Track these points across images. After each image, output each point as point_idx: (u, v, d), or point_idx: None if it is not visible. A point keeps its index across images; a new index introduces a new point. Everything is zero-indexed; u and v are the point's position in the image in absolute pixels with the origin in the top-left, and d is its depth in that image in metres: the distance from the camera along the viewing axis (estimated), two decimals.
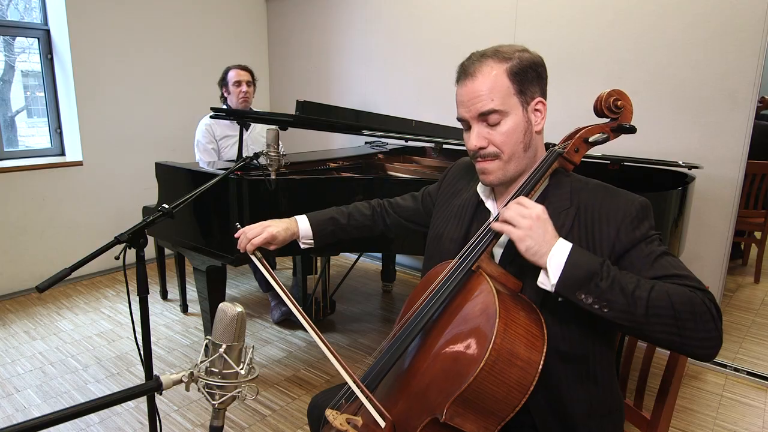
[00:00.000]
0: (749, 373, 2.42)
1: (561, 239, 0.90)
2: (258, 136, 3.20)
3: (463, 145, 1.07)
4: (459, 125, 1.08)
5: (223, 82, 3.09)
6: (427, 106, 3.46)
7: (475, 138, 1.02)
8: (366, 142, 3.52)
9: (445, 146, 3.13)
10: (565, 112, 2.49)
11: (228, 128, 3.15)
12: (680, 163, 2.16)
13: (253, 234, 1.21)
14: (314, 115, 2.22)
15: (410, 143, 3.17)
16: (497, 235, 0.97)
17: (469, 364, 0.86)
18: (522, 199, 0.94)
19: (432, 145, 3.23)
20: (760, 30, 2.23)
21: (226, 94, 3.10)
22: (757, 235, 3.58)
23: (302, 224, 1.30)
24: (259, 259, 1.18)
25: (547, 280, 0.88)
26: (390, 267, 3.45)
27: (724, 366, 2.49)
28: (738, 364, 2.48)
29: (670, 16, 2.46)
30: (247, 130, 3.19)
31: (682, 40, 2.44)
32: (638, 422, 1.25)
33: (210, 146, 3.09)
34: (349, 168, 2.78)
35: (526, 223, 0.89)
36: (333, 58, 3.99)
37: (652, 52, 2.53)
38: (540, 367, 0.86)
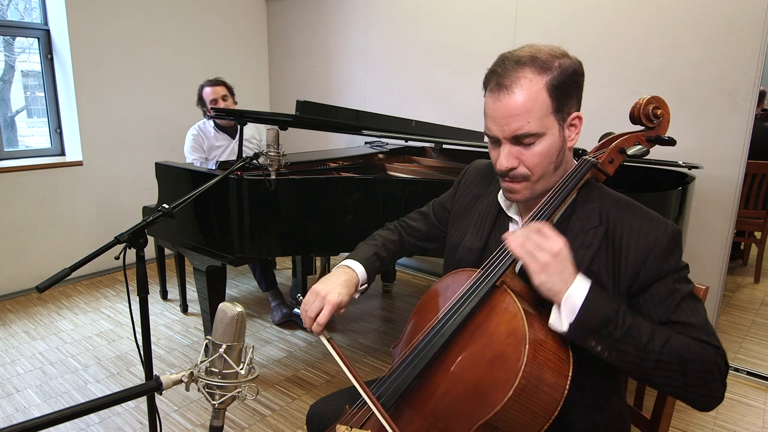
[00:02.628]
0: (749, 373, 2.42)
1: (579, 276, 0.83)
2: (247, 142, 3.15)
3: (463, 144, 1.05)
4: (459, 125, 1.06)
5: (200, 102, 3.06)
6: (427, 106, 3.46)
7: (505, 159, 0.93)
8: (366, 142, 3.52)
9: (445, 146, 3.13)
10: None
11: (215, 139, 3.11)
12: (680, 163, 2.16)
13: (315, 312, 1.03)
14: (314, 115, 2.22)
15: (410, 143, 3.17)
16: None
17: (496, 392, 0.82)
18: (544, 227, 0.85)
19: (432, 145, 3.23)
20: (760, 30, 2.23)
21: (208, 112, 3.06)
22: (757, 235, 3.58)
23: (359, 269, 1.14)
24: (328, 340, 1.02)
25: (559, 323, 0.83)
26: (390, 267, 3.45)
27: None
28: (738, 364, 2.48)
29: (670, 16, 2.46)
30: (238, 131, 3.15)
31: (682, 40, 2.44)
32: (638, 422, 1.24)
33: (192, 156, 3.04)
34: (349, 168, 2.78)
35: (544, 258, 0.82)
36: (333, 58, 3.99)
37: (652, 52, 2.53)
38: (566, 391, 0.83)
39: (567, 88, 0.91)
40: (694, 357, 0.81)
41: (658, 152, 2.54)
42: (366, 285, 1.16)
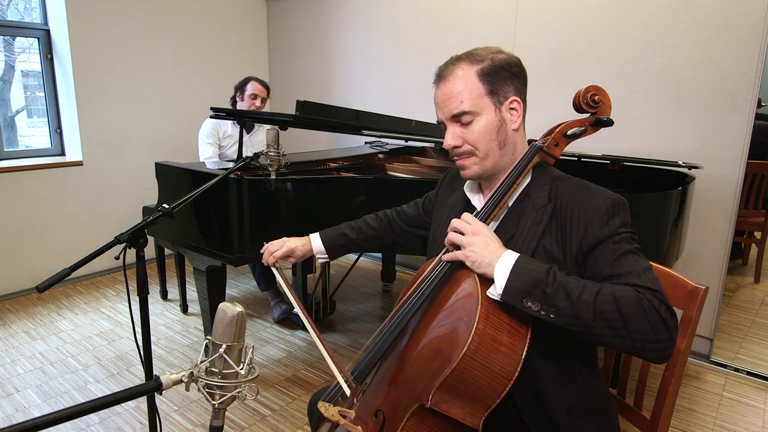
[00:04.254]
0: (749, 373, 2.42)
1: (508, 251, 0.92)
2: (257, 141, 3.23)
3: None
4: None
5: (241, 89, 3.16)
6: (427, 106, 3.45)
7: (450, 138, 1.06)
8: (366, 142, 3.52)
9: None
10: (564, 112, 2.48)
11: (231, 129, 3.22)
12: (680, 163, 2.16)
13: (274, 248, 1.35)
14: (314, 115, 2.22)
15: (410, 143, 3.17)
16: None
17: (453, 350, 0.88)
18: (466, 215, 0.99)
19: (432, 145, 3.23)
20: (760, 30, 2.23)
21: (238, 99, 3.17)
22: (757, 235, 3.58)
23: (314, 241, 1.41)
24: (277, 269, 1.33)
25: (494, 290, 0.89)
26: (390, 267, 3.45)
27: (724, 366, 2.49)
28: (738, 364, 2.48)
29: (670, 16, 2.46)
30: (248, 132, 3.21)
31: (682, 40, 2.44)
32: (638, 422, 1.24)
33: (208, 141, 3.15)
34: (349, 168, 2.78)
35: (466, 240, 0.95)
36: (333, 58, 3.99)
37: (652, 52, 2.53)
38: (524, 353, 0.88)
39: (498, 74, 1.03)
40: (630, 301, 0.84)
41: (657, 152, 2.55)
42: (325, 257, 1.41)
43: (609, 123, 1.05)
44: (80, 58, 3.36)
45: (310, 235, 1.42)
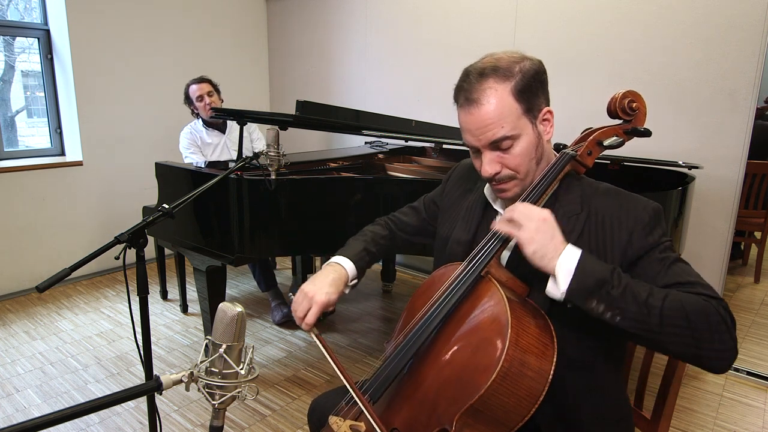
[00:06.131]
0: (749, 373, 2.42)
1: (570, 245, 0.86)
2: (234, 139, 3.18)
3: (463, 144, 1.05)
4: (459, 125, 1.07)
5: (187, 100, 3.14)
6: (427, 106, 3.46)
7: (488, 165, 0.98)
8: (366, 142, 3.52)
9: (445, 146, 3.13)
10: (565, 113, 2.48)
11: (207, 136, 3.17)
12: (680, 163, 2.16)
13: (303, 312, 1.07)
14: (314, 115, 2.22)
15: (410, 143, 3.17)
16: (506, 240, 0.94)
17: (481, 375, 0.84)
18: (527, 203, 0.92)
19: (432, 145, 3.23)
20: (760, 30, 2.23)
21: (194, 109, 3.15)
22: (757, 235, 3.57)
23: (348, 265, 1.17)
24: (316, 336, 1.07)
25: (556, 288, 0.85)
26: (390, 267, 3.45)
27: None
28: (738, 364, 2.48)
29: (670, 16, 2.46)
30: (223, 132, 3.18)
31: (682, 40, 2.44)
32: (638, 422, 1.24)
33: (190, 151, 3.11)
34: (349, 168, 2.78)
35: (533, 226, 0.86)
36: (333, 58, 3.99)
37: (652, 52, 2.53)
38: (550, 376, 0.85)
39: (531, 88, 0.96)
40: (697, 308, 0.81)
41: (657, 152, 2.54)
42: (356, 280, 1.19)
43: (647, 133, 0.99)
44: (80, 58, 3.36)
45: (337, 259, 1.17)
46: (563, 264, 0.84)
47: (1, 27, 3.26)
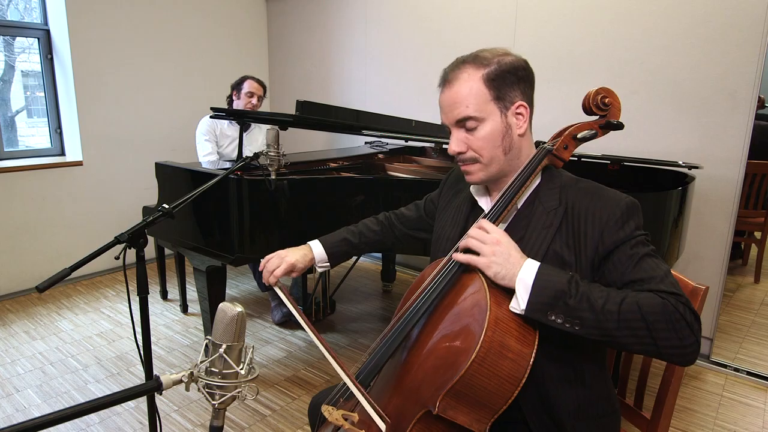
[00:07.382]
0: (749, 373, 2.42)
1: (528, 260, 0.90)
2: (254, 139, 3.24)
3: None
4: None
5: (237, 87, 3.17)
6: (427, 106, 3.45)
7: (454, 143, 1.04)
8: (366, 142, 3.52)
9: (445, 146, 3.12)
10: (565, 112, 2.49)
11: (228, 129, 3.23)
12: (680, 163, 2.16)
13: (273, 266, 1.24)
14: (314, 115, 2.22)
15: (410, 143, 3.17)
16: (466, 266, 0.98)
17: (461, 356, 0.87)
18: (483, 222, 0.96)
19: (432, 145, 3.23)
20: (760, 30, 2.23)
21: (234, 98, 3.19)
22: (757, 235, 3.57)
23: (316, 249, 1.32)
24: (280, 288, 1.21)
25: (518, 304, 0.88)
26: (390, 267, 3.45)
27: (724, 366, 2.49)
28: (738, 364, 2.48)
29: (670, 16, 2.46)
30: (246, 131, 3.22)
31: (682, 40, 2.44)
32: (638, 422, 1.24)
33: (205, 137, 3.17)
34: (349, 168, 2.78)
35: (488, 249, 0.92)
36: (333, 58, 3.99)
37: (652, 52, 2.53)
38: (532, 359, 0.87)
39: (504, 79, 1.00)
40: (655, 309, 0.83)
41: (658, 152, 2.55)
42: (327, 264, 1.33)
43: (619, 126, 1.03)
44: (80, 58, 3.36)
45: (310, 243, 1.33)
46: (522, 280, 0.88)
47: (1, 27, 3.26)
